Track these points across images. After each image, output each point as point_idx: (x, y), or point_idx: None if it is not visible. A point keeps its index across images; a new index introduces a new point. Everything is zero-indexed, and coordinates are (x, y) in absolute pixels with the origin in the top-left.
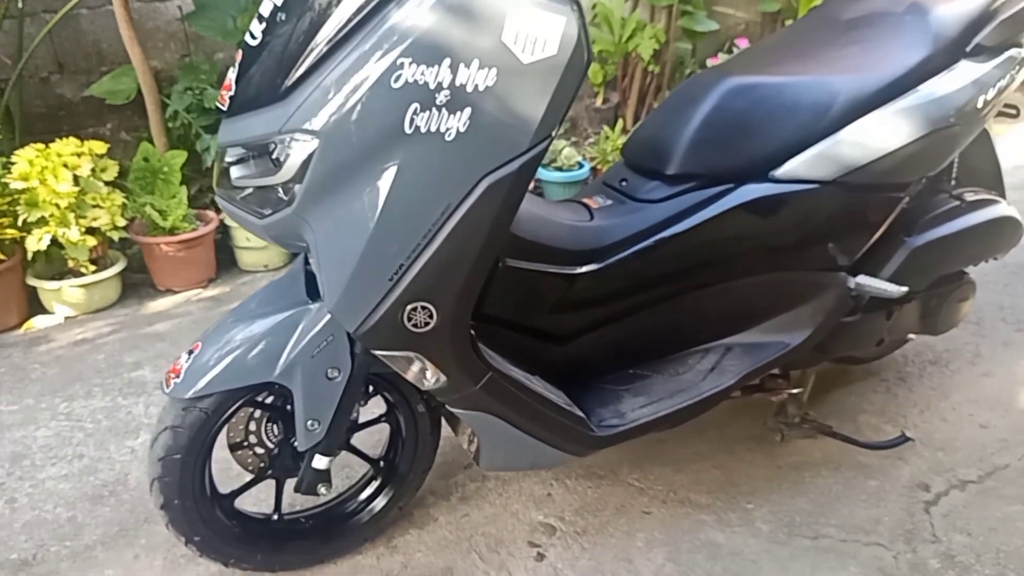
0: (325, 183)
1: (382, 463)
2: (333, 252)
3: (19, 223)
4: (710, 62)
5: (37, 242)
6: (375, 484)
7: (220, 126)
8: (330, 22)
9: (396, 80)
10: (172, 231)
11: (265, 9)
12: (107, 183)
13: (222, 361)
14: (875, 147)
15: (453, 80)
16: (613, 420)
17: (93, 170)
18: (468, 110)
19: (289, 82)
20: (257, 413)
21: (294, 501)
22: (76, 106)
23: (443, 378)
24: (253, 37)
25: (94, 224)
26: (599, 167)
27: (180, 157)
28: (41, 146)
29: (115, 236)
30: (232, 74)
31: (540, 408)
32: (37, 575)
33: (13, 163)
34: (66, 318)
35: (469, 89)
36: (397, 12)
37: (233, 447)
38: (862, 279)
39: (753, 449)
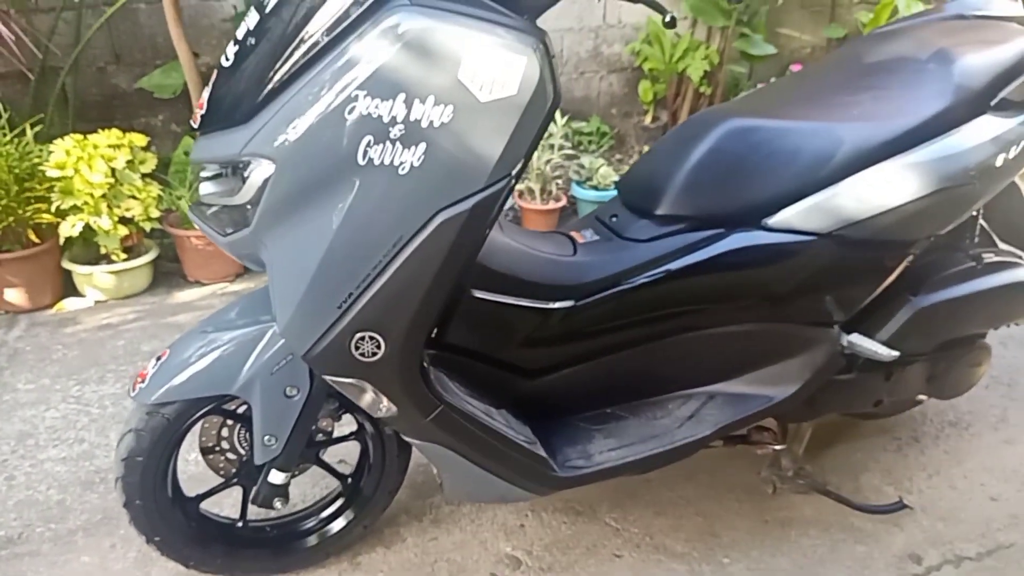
0: (280, 207)
1: (350, 480)
2: (285, 275)
3: (53, 209)
4: None
5: (70, 228)
6: (340, 502)
7: (194, 143)
8: (294, 49)
9: (350, 112)
10: None
11: (240, 32)
12: (145, 175)
13: (185, 370)
14: (877, 202)
15: (407, 115)
16: (579, 461)
17: (131, 162)
18: (423, 145)
19: (252, 106)
20: (229, 420)
21: (262, 510)
22: (130, 96)
23: (394, 408)
24: (227, 59)
25: (127, 214)
26: None
27: None
28: (80, 136)
29: (147, 227)
30: (205, 93)
31: (496, 445)
32: (19, 554)
33: (52, 151)
34: (96, 302)
35: (424, 125)
36: (356, 45)
37: (205, 451)
38: (855, 338)
39: (742, 499)
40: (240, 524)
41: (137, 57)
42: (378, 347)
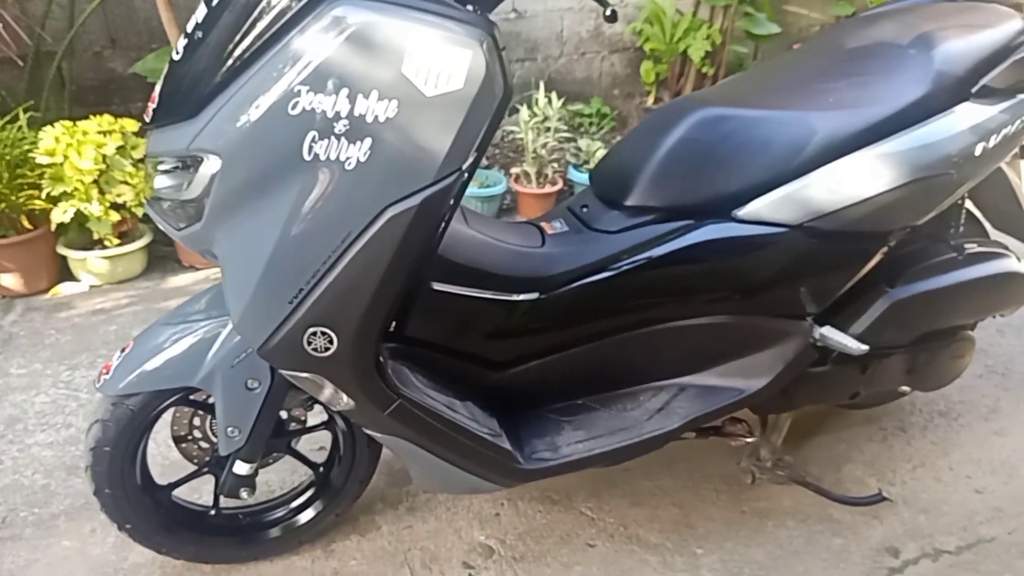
0: (228, 202)
1: (322, 469)
2: (237, 270)
3: (45, 196)
4: None
5: (62, 214)
6: (311, 492)
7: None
8: (238, 43)
9: (293, 107)
10: None
11: (189, 26)
12: (137, 160)
13: (147, 363)
14: (849, 193)
15: (351, 110)
16: (545, 453)
17: (122, 147)
18: (368, 140)
19: (199, 100)
20: (200, 410)
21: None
22: (126, 80)
23: (353, 402)
24: (177, 52)
25: (119, 200)
26: None
27: None
28: (69, 123)
29: (140, 212)
30: (157, 88)
31: (457, 438)
32: (2, 538)
33: (42, 138)
34: (91, 287)
35: (369, 120)
36: (299, 39)
37: (177, 439)
38: (827, 331)
39: (720, 490)
40: (213, 512)
41: (133, 41)
42: (331, 342)
